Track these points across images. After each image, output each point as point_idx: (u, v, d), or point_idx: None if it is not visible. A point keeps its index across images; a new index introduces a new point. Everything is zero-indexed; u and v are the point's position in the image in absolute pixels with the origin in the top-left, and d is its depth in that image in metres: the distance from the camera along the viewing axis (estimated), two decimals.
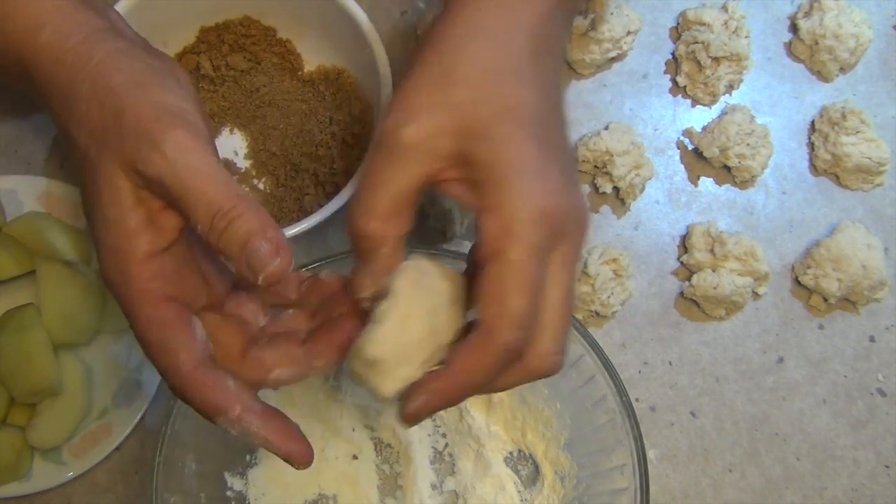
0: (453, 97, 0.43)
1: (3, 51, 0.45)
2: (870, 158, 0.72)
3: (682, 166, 0.75)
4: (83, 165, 0.44)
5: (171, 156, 0.41)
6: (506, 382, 0.43)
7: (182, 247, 0.44)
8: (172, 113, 0.42)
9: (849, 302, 0.72)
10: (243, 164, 0.72)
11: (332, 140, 0.69)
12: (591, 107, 0.75)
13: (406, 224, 0.44)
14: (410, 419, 0.43)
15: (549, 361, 0.43)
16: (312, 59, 0.73)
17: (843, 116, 0.73)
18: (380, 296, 0.44)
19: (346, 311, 0.46)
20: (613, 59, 0.76)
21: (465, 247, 0.71)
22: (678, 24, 0.77)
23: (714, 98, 0.75)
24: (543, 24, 0.45)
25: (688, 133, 0.74)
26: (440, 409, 0.43)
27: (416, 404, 0.42)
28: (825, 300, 0.71)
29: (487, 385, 0.42)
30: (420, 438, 0.65)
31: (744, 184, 0.74)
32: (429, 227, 0.71)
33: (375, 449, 0.66)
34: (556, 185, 0.42)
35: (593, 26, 0.73)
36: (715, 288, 0.68)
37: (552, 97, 0.45)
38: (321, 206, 0.64)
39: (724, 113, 0.73)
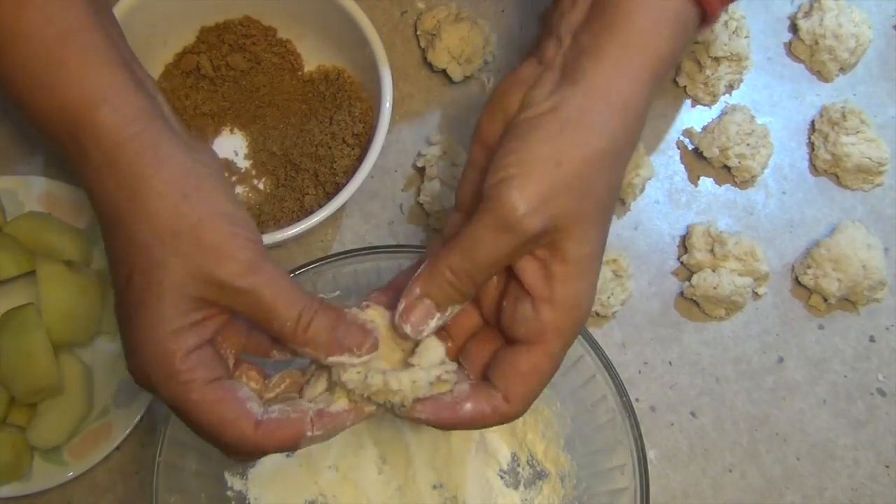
0: (565, 179, 0.45)
1: (55, 116, 0.45)
2: (870, 158, 0.72)
3: (682, 166, 0.75)
4: (137, 255, 0.44)
5: (253, 268, 0.45)
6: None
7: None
8: (240, 225, 0.46)
9: (849, 302, 0.72)
10: (243, 164, 0.72)
11: (332, 140, 0.69)
12: None
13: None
14: (411, 417, 0.47)
15: (517, 413, 0.49)
16: (312, 59, 0.73)
17: (843, 116, 0.73)
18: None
19: None
20: None
21: None
22: None
23: (714, 98, 0.75)
24: (649, 90, 0.48)
25: (688, 133, 0.74)
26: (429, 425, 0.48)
27: (420, 415, 0.47)
28: (825, 300, 0.71)
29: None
30: (420, 438, 0.65)
31: (744, 184, 0.74)
32: (429, 227, 0.72)
33: (375, 449, 0.66)
34: (594, 288, 0.48)
35: None
36: (715, 288, 0.68)
37: (627, 166, 0.49)
38: (321, 206, 0.64)
39: (724, 113, 0.73)
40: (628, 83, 0.47)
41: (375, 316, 0.49)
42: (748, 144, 0.72)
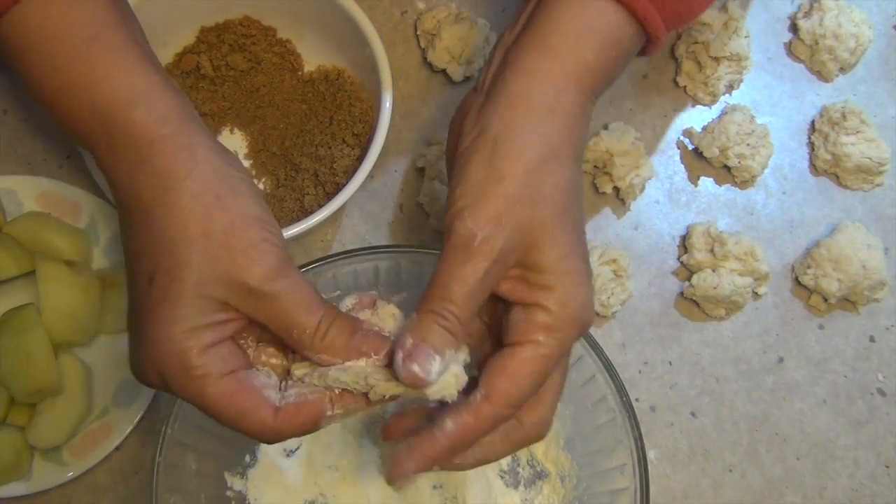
0: (511, 191, 0.45)
1: (87, 116, 0.46)
2: (870, 158, 0.72)
3: (682, 166, 0.75)
4: (163, 252, 0.44)
5: (281, 273, 0.45)
6: (502, 450, 0.49)
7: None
8: (269, 230, 0.46)
9: (849, 302, 0.72)
10: (243, 164, 0.72)
11: (332, 140, 0.69)
12: None
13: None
14: (397, 481, 0.46)
15: (543, 430, 0.49)
16: (312, 59, 0.73)
17: (843, 116, 0.73)
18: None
19: None
20: None
21: None
22: None
23: (714, 98, 0.75)
24: (576, 97, 0.48)
25: (688, 133, 0.74)
26: (429, 470, 0.47)
27: (404, 469, 0.46)
28: (825, 300, 0.71)
29: (480, 455, 0.48)
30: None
31: (744, 184, 0.74)
32: (429, 227, 0.72)
33: (375, 449, 0.66)
34: (588, 290, 0.47)
35: None
36: (715, 288, 0.68)
37: (579, 166, 0.49)
38: (321, 206, 0.64)
39: (724, 113, 0.73)
40: (551, 89, 0.47)
41: (386, 316, 0.48)
42: (748, 144, 0.72)
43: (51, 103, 0.47)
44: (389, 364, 0.45)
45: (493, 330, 0.50)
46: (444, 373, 0.45)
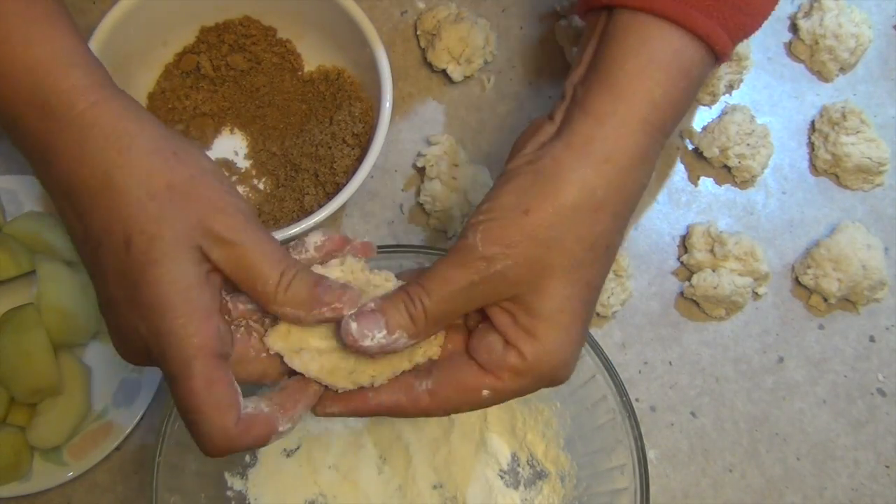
0: (530, 227, 0.45)
1: (21, 77, 0.44)
2: (870, 158, 0.72)
3: (682, 166, 0.75)
4: (132, 215, 0.43)
5: (245, 224, 0.45)
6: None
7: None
8: (228, 185, 0.46)
9: (849, 302, 0.72)
10: (243, 164, 0.72)
11: (332, 140, 0.69)
12: None
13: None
14: (320, 415, 0.48)
15: (436, 412, 0.49)
16: (312, 59, 0.73)
17: (843, 116, 0.73)
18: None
19: None
20: None
21: None
22: None
23: (714, 98, 0.75)
24: (641, 139, 0.47)
25: (688, 133, 0.74)
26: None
27: (327, 409, 0.48)
28: (825, 300, 0.71)
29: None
30: (420, 438, 0.65)
31: (744, 184, 0.74)
32: (429, 227, 0.72)
33: (375, 449, 0.66)
34: (574, 349, 0.47)
35: None
36: (715, 288, 0.68)
37: (622, 223, 0.48)
38: (321, 206, 0.64)
39: (724, 113, 0.73)
40: (613, 134, 0.46)
41: (354, 266, 0.48)
42: (748, 144, 0.72)
43: None
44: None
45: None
46: (388, 351, 0.46)
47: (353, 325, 0.44)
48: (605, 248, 0.47)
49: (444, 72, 0.74)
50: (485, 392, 0.47)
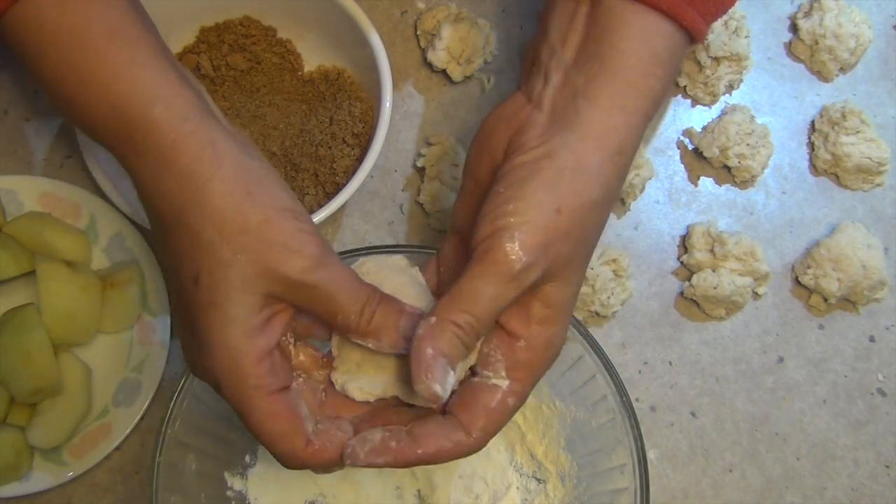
0: (564, 227, 0.46)
1: (107, 115, 0.45)
2: (870, 158, 0.72)
3: (682, 166, 0.75)
4: (203, 255, 0.44)
5: (320, 262, 0.45)
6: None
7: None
8: (303, 220, 0.46)
9: (849, 302, 0.72)
10: None
11: (332, 140, 0.69)
12: None
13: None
14: (357, 464, 0.47)
15: (479, 447, 0.48)
16: (312, 59, 0.73)
17: (843, 116, 0.73)
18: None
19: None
20: None
21: None
22: None
23: (714, 98, 0.75)
24: (640, 133, 0.48)
25: (688, 133, 0.74)
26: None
27: (371, 461, 0.47)
28: (825, 300, 0.71)
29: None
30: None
31: (744, 184, 0.74)
32: (429, 227, 0.72)
33: None
34: (568, 328, 0.49)
35: None
36: (715, 288, 0.68)
37: (614, 192, 0.49)
38: (321, 206, 0.64)
39: (724, 113, 0.73)
40: (623, 127, 0.47)
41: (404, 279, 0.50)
42: (748, 144, 0.72)
43: (69, 102, 0.46)
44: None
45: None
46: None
47: (437, 388, 0.44)
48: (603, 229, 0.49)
49: (444, 72, 0.74)
50: (511, 402, 0.47)
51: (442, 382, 0.44)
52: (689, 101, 0.76)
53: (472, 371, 0.49)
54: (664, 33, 0.48)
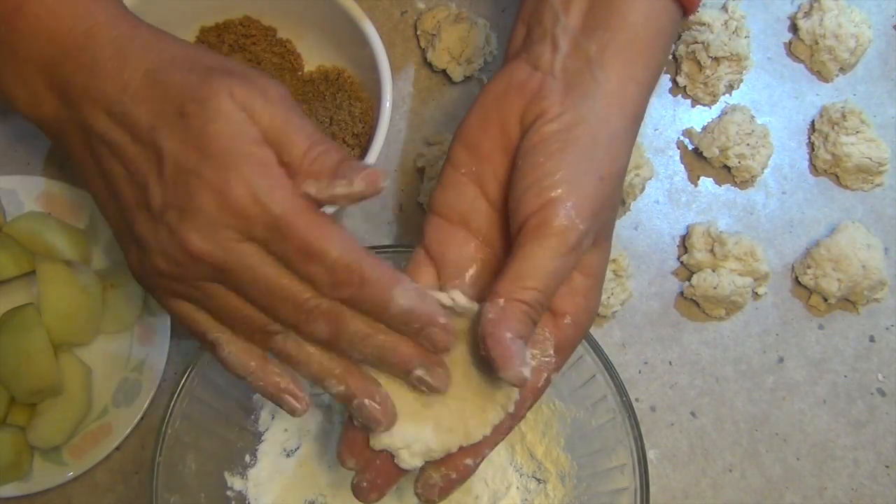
0: (606, 193, 0.46)
1: (58, 15, 0.46)
2: (870, 158, 0.72)
3: (682, 166, 0.75)
4: (182, 93, 0.44)
5: (280, 100, 0.45)
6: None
7: None
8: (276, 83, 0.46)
9: (849, 302, 0.72)
10: None
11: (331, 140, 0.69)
12: None
13: None
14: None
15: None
16: (312, 59, 0.73)
17: (843, 116, 0.73)
18: None
19: None
20: None
21: None
22: None
23: (714, 98, 0.75)
24: (648, 101, 0.49)
25: (688, 133, 0.74)
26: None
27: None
28: (825, 300, 0.71)
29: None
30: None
31: (744, 184, 0.74)
32: None
33: None
34: (599, 298, 0.49)
35: None
36: (715, 288, 0.68)
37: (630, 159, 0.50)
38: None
39: (724, 113, 0.73)
40: (637, 96, 0.48)
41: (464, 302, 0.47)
42: (748, 144, 0.72)
43: (18, 5, 0.47)
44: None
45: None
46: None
47: (525, 371, 0.43)
48: None
49: (444, 72, 0.74)
50: (552, 379, 0.47)
51: (526, 365, 0.43)
52: (689, 101, 0.76)
53: None
54: (666, 8, 0.49)
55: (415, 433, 0.47)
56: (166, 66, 0.45)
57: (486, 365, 0.44)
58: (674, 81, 0.76)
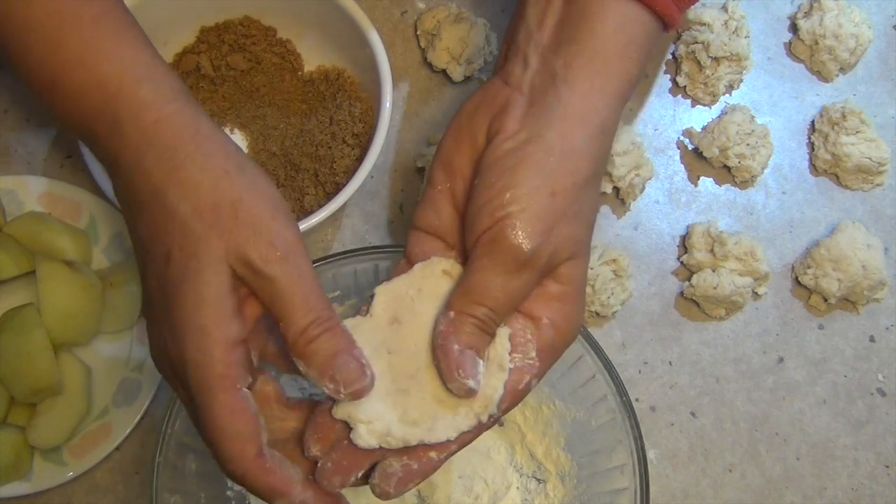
0: (561, 207, 0.46)
1: (91, 93, 0.45)
2: (870, 158, 0.72)
3: (682, 166, 0.75)
4: (176, 231, 0.44)
5: (284, 257, 0.44)
6: None
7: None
8: (281, 211, 0.45)
9: (849, 302, 0.72)
10: None
11: (332, 140, 0.69)
12: None
13: None
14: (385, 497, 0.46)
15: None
16: (312, 59, 0.73)
17: (843, 116, 0.73)
18: None
19: None
20: None
21: None
22: None
23: (714, 98, 0.75)
24: (619, 112, 0.49)
25: (688, 133, 0.74)
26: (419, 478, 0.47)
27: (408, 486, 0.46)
28: (825, 300, 0.71)
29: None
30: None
31: (744, 184, 0.74)
32: None
33: None
34: (584, 305, 0.50)
35: None
36: (715, 288, 0.68)
37: (601, 168, 0.50)
38: (321, 206, 0.64)
39: (724, 113, 0.73)
40: (603, 108, 0.48)
41: (443, 264, 0.49)
42: (748, 144, 0.72)
43: (52, 84, 0.46)
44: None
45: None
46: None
47: (471, 383, 0.44)
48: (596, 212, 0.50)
49: (444, 72, 0.74)
50: (534, 383, 0.47)
51: (474, 376, 0.45)
52: (689, 101, 0.76)
53: None
54: (639, 19, 0.49)
55: (380, 412, 0.46)
56: (176, 191, 0.44)
57: None
58: (674, 81, 0.76)
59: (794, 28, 0.77)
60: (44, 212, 0.68)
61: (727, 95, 0.76)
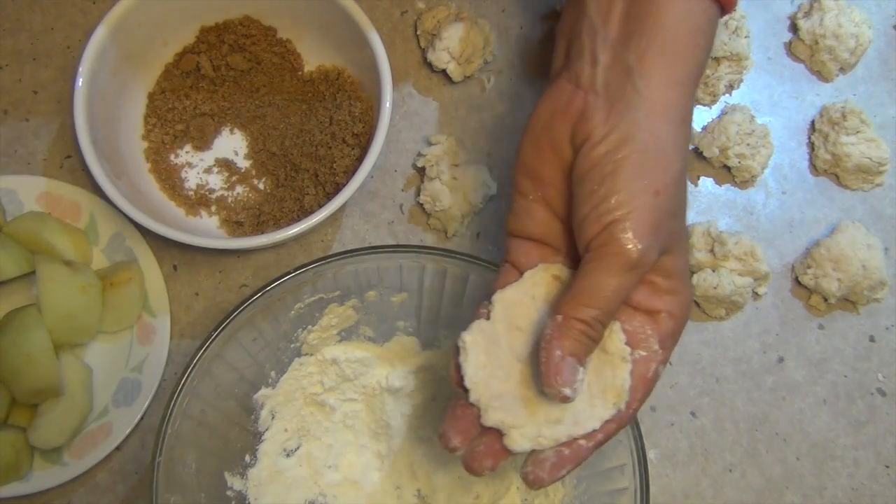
0: (664, 205, 0.47)
1: None
2: (870, 158, 0.72)
3: None
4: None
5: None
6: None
7: None
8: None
9: (849, 302, 0.72)
10: (243, 164, 0.72)
11: (332, 140, 0.69)
12: None
13: None
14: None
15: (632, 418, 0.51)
16: (312, 59, 0.73)
17: (843, 116, 0.73)
18: None
19: None
20: None
21: (466, 246, 0.71)
22: None
23: (714, 98, 0.75)
24: (694, 97, 0.51)
25: None
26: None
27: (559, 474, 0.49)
28: (825, 300, 0.71)
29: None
30: (420, 438, 0.65)
31: (744, 184, 0.74)
32: (430, 227, 0.72)
33: (375, 448, 0.66)
34: (693, 291, 0.53)
35: None
36: (715, 288, 0.68)
37: (687, 158, 0.51)
38: (321, 206, 0.64)
39: (724, 113, 0.73)
40: (681, 98, 0.49)
41: (552, 270, 0.51)
42: (748, 144, 0.72)
43: None
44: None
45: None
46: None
47: (567, 391, 0.46)
48: None
49: (444, 72, 0.74)
50: (661, 370, 0.49)
51: (571, 384, 0.46)
52: None
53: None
54: (702, 6, 0.50)
55: (525, 416, 0.48)
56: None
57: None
58: None
59: (794, 28, 0.77)
60: (43, 212, 0.68)
61: (727, 95, 0.76)
